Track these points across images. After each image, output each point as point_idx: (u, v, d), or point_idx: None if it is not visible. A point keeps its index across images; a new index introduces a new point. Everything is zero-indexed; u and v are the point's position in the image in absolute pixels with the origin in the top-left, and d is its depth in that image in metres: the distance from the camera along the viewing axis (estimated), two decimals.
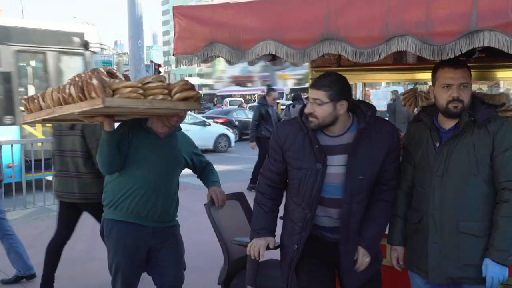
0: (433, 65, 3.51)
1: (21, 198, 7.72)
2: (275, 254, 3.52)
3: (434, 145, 2.63)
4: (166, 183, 3.29)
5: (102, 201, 3.33)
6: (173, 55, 2.90)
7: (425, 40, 2.25)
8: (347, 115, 2.67)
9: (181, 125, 3.45)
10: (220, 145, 17.15)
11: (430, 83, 2.95)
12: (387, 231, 2.90)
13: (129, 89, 2.77)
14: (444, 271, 2.57)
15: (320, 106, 2.57)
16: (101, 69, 3.05)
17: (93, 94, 2.66)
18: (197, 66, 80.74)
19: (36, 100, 3.23)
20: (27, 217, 7.59)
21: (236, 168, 13.07)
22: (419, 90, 4.20)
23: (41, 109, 3.18)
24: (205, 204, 3.36)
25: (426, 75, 3.74)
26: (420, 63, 3.57)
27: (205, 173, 3.63)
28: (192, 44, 2.83)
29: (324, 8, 2.46)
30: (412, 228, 2.74)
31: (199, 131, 14.78)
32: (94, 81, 2.67)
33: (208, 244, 3.20)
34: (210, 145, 16.69)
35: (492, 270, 2.43)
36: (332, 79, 2.63)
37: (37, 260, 5.65)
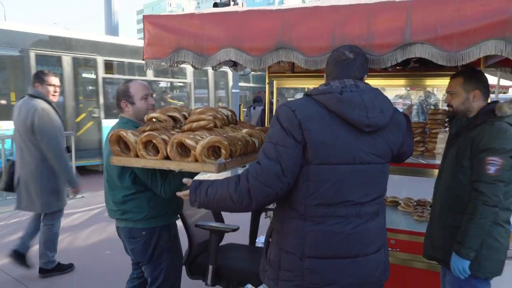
0: (374, 73, 3.59)
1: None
2: (235, 239, 3.54)
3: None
4: None
5: (152, 215, 2.77)
6: (143, 59, 2.86)
7: (366, 51, 2.29)
8: None
9: None
10: None
11: None
12: None
13: None
14: (425, 249, 2.72)
15: None
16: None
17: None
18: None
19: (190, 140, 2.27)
20: (5, 206, 7.34)
21: None
22: None
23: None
24: None
25: (368, 81, 3.81)
26: None
27: None
28: (160, 50, 2.79)
29: (279, 21, 2.48)
30: None
31: None
32: None
33: None
34: None
35: (453, 259, 2.46)
36: None
37: None
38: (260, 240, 4.14)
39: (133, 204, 2.75)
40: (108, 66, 10.88)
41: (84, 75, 10.95)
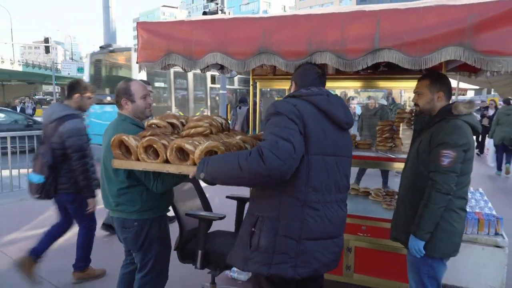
0: (347, 76, 3.61)
1: (8, 182, 7.34)
2: (222, 227, 3.53)
3: None
4: None
5: (144, 208, 2.71)
6: (137, 62, 2.82)
7: (339, 55, 2.30)
8: None
9: None
10: None
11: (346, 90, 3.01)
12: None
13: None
14: (391, 232, 2.74)
15: None
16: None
17: None
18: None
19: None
20: (13, 198, 7.23)
21: None
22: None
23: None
24: None
25: (343, 83, 3.83)
26: (338, 74, 3.64)
27: None
28: (153, 54, 2.76)
29: (261, 27, 2.47)
30: None
31: None
32: None
33: None
34: None
35: (410, 240, 2.51)
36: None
37: (23, 234, 5.44)
38: None
39: (127, 197, 2.67)
40: (212, 79, 13.81)
41: (199, 85, 13.75)
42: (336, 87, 3.98)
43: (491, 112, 12.61)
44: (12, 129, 11.11)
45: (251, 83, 3.92)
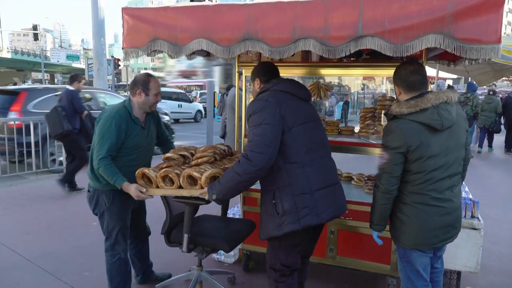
0: (330, 63, 3.57)
1: None
2: (209, 211, 3.51)
3: None
4: (149, 155, 3.23)
5: (95, 180, 3.02)
6: (122, 48, 2.75)
7: (323, 42, 2.27)
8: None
9: None
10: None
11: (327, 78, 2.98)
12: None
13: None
14: None
15: None
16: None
17: None
18: (151, 62, 78.31)
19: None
20: (2, 183, 7.11)
21: None
22: (321, 83, 4.26)
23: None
24: None
25: (326, 71, 3.80)
26: (322, 61, 3.60)
27: (166, 142, 3.42)
28: (138, 40, 2.70)
29: (246, 14, 2.43)
30: None
31: None
32: None
33: (153, 202, 3.09)
34: None
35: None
36: None
37: (11, 218, 5.36)
38: (232, 211, 4.12)
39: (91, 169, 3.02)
40: None
41: None
42: (319, 74, 3.94)
43: None
44: None
45: (236, 70, 3.87)
